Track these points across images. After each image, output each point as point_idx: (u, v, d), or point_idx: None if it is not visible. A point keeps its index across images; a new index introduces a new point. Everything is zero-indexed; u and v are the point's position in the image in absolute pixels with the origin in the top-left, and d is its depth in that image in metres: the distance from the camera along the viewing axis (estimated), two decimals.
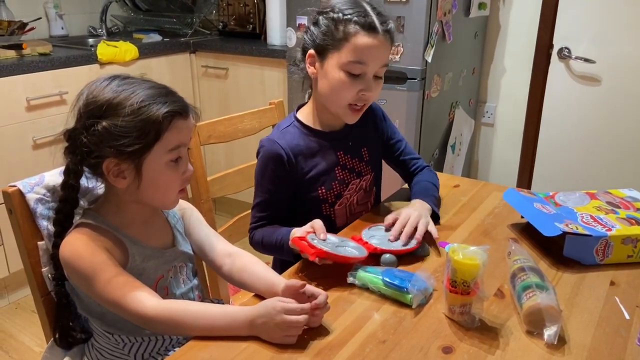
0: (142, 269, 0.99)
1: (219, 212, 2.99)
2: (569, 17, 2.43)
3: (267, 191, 1.24)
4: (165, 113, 0.92)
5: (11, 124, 2.22)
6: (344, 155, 1.29)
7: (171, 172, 0.96)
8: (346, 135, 1.30)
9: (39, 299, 1.04)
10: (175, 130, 0.94)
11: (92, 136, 0.91)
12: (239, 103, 2.84)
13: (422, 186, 1.34)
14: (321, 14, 1.19)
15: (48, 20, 2.90)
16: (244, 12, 2.99)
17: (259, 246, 1.23)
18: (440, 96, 2.36)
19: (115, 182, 0.95)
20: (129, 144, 0.91)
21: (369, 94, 1.19)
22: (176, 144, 0.95)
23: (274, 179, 1.23)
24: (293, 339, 0.86)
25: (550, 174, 2.67)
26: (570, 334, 0.90)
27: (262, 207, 1.25)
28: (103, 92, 0.92)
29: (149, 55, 2.70)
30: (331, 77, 1.18)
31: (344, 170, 1.29)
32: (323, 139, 1.27)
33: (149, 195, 0.97)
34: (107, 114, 0.91)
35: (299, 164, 1.24)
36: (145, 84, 0.95)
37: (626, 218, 1.17)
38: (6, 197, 0.99)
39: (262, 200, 1.25)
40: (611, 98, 2.41)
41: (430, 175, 1.39)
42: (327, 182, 1.27)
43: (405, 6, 2.11)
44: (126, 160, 0.93)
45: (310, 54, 1.21)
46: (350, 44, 1.15)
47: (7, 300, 2.40)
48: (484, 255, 0.90)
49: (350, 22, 1.15)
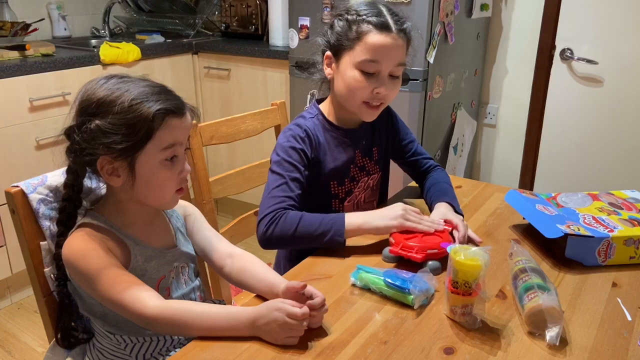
0: (144, 269, 0.99)
1: (221, 213, 2.99)
2: (571, 18, 2.43)
3: (294, 169, 1.18)
4: (157, 111, 0.92)
5: (14, 124, 2.23)
6: (359, 154, 1.32)
7: (166, 171, 0.96)
8: (362, 134, 1.33)
9: (42, 299, 1.05)
10: (168, 128, 0.94)
11: (85, 134, 0.92)
12: (241, 104, 2.85)
13: (441, 188, 1.33)
14: (337, 16, 1.23)
15: (51, 21, 2.91)
16: (247, 13, 2.99)
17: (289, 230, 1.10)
18: (442, 97, 2.36)
19: (109, 180, 0.96)
20: (119, 142, 0.91)
21: (383, 92, 1.20)
22: (170, 143, 0.95)
23: (301, 155, 1.21)
24: (295, 340, 0.86)
25: (552, 175, 2.67)
26: (572, 335, 0.90)
27: (290, 187, 1.16)
28: (97, 90, 0.93)
29: (152, 56, 2.71)
30: (346, 76, 1.20)
31: (357, 168, 1.32)
32: (343, 135, 1.30)
33: (145, 194, 0.97)
34: (99, 112, 0.91)
35: (320, 153, 1.26)
36: (141, 82, 0.96)
37: (628, 219, 1.17)
38: (9, 197, 1.00)
39: (290, 179, 1.16)
40: (613, 99, 2.41)
41: (444, 176, 1.38)
42: (341, 178, 1.29)
43: (408, 7, 2.11)
44: (119, 158, 0.93)
45: (327, 56, 1.24)
46: (363, 42, 1.17)
47: (9, 300, 2.40)
48: (485, 256, 0.90)
49: (363, 22, 1.17)
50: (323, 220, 1.12)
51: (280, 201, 1.14)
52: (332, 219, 1.12)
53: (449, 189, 1.33)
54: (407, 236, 1.10)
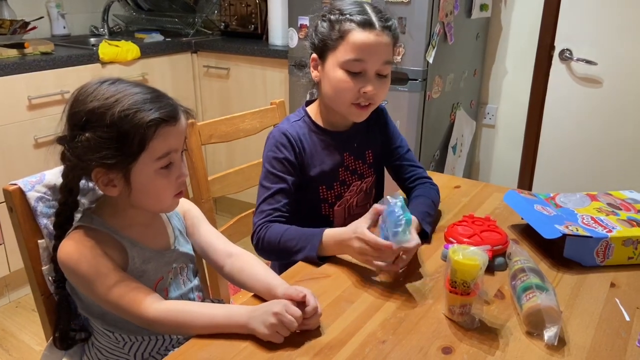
0: (142, 271, 0.99)
1: (220, 212, 2.99)
2: (570, 19, 2.43)
3: (279, 180, 1.19)
4: (149, 122, 0.89)
5: (13, 122, 2.23)
6: (349, 157, 1.29)
7: (162, 179, 0.94)
8: (352, 137, 1.30)
9: (39, 297, 1.04)
10: (161, 138, 0.91)
11: (76, 148, 0.90)
12: (240, 103, 2.84)
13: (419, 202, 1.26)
14: (321, 17, 1.20)
15: (50, 19, 2.91)
16: (246, 12, 2.99)
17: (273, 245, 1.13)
18: (441, 97, 2.36)
19: (105, 191, 0.94)
20: (111, 156, 0.89)
21: (371, 91, 1.17)
22: (165, 152, 0.92)
23: (285, 165, 1.20)
24: (280, 338, 0.85)
25: (551, 175, 2.67)
26: (571, 335, 0.90)
27: (276, 199, 1.17)
28: (86, 100, 0.90)
29: (151, 55, 2.70)
30: (332, 78, 1.18)
31: (347, 171, 1.29)
32: (330, 138, 1.27)
33: (143, 201, 0.96)
34: (89, 125, 0.89)
35: (305, 157, 1.24)
36: (132, 89, 0.91)
37: (627, 220, 1.17)
38: (7, 195, 0.99)
39: (274, 191, 1.18)
40: (612, 100, 2.41)
41: (429, 191, 1.31)
42: (329, 182, 1.27)
43: (407, 7, 2.11)
44: (113, 170, 0.91)
45: (313, 58, 1.22)
46: (346, 41, 1.14)
47: (7, 298, 2.40)
48: (484, 255, 0.90)
49: (346, 21, 1.15)
50: (302, 236, 1.11)
51: (266, 215, 1.16)
52: (311, 235, 1.10)
53: (426, 203, 1.25)
54: (465, 234, 1.13)
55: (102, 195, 1.03)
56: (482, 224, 1.17)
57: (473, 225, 1.17)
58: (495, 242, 1.10)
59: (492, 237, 1.12)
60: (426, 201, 1.26)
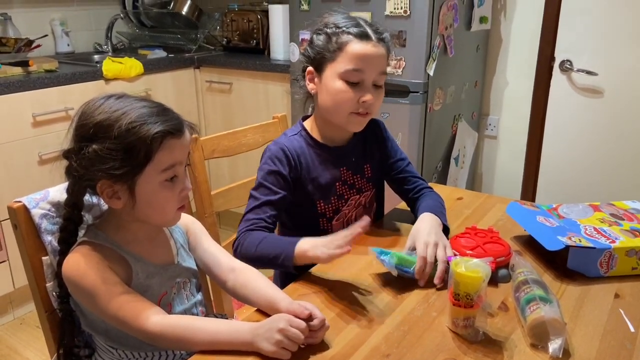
0: (146, 285, 0.99)
1: (223, 226, 2.99)
2: (570, 30, 2.44)
3: (270, 192, 1.20)
4: (155, 134, 0.91)
5: (17, 139, 2.24)
6: (346, 171, 1.30)
7: (166, 192, 0.95)
8: (350, 151, 1.31)
9: (44, 314, 1.05)
10: (167, 150, 0.93)
11: (83, 160, 0.91)
12: (242, 117, 2.86)
13: (428, 203, 1.28)
14: (315, 32, 1.23)
15: (54, 37, 2.94)
16: (248, 27, 3.02)
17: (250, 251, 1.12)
18: (443, 109, 2.37)
19: (110, 203, 0.96)
20: (118, 167, 0.90)
21: (370, 100, 1.19)
22: (170, 164, 0.94)
23: (277, 178, 1.20)
24: (287, 355, 0.85)
25: (554, 186, 2.67)
26: (575, 347, 0.89)
27: (263, 209, 1.18)
28: (94, 113, 0.92)
29: (154, 71, 2.73)
30: (330, 88, 1.20)
31: (344, 185, 1.30)
32: (327, 153, 1.28)
33: (146, 214, 0.97)
34: (97, 137, 0.91)
35: (303, 171, 1.24)
36: (138, 103, 0.94)
37: (630, 230, 1.17)
38: (11, 212, 1.00)
39: (262, 202, 1.18)
40: (614, 110, 2.42)
41: (436, 196, 1.34)
42: (326, 196, 1.27)
43: (407, 20, 2.12)
44: (118, 182, 0.92)
45: (309, 71, 1.24)
46: (345, 52, 1.17)
47: (12, 315, 2.40)
48: (486, 268, 0.90)
49: (343, 33, 1.18)
50: (278, 244, 1.10)
51: (250, 223, 1.17)
52: (287, 242, 1.09)
53: (436, 203, 1.28)
54: (468, 246, 1.13)
55: (105, 211, 1.04)
56: (484, 236, 1.17)
57: (476, 237, 1.17)
58: (498, 254, 1.10)
59: (495, 249, 1.12)
60: (436, 203, 1.29)
